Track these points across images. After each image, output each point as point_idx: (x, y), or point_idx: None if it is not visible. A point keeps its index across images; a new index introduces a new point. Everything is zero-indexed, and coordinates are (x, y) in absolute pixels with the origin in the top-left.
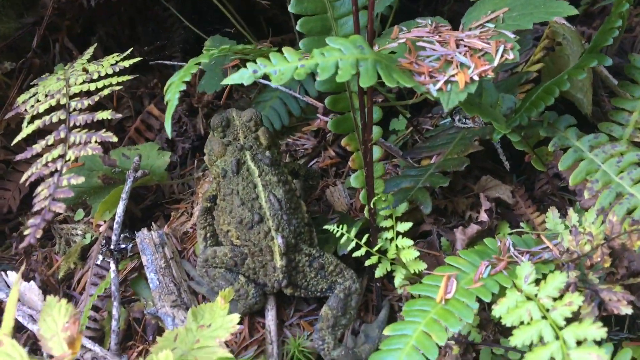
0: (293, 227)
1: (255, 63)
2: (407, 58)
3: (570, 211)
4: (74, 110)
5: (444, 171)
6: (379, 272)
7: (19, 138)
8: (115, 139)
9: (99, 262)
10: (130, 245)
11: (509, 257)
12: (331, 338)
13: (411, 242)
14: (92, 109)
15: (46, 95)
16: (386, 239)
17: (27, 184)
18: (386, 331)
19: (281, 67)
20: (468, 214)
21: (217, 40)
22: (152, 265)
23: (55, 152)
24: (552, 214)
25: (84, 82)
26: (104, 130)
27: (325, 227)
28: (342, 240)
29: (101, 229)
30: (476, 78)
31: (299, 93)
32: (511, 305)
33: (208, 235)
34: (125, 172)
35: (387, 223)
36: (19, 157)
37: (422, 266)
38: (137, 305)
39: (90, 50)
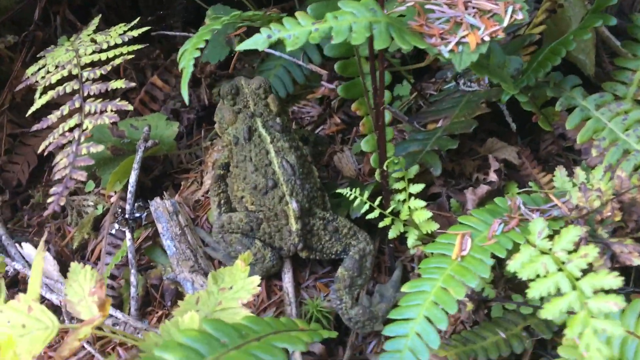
0: (306, 192)
1: (269, 28)
2: (416, 21)
3: (578, 169)
4: (87, 80)
5: (451, 134)
6: (392, 234)
7: (33, 109)
8: (130, 107)
9: (113, 232)
10: (145, 214)
11: (519, 214)
12: (348, 297)
13: (424, 203)
14: (104, 78)
15: (56, 67)
16: (399, 200)
17: (45, 153)
18: (404, 288)
19: (295, 31)
20: (475, 176)
21: (218, 9)
22: (167, 232)
23: (72, 122)
24: (560, 172)
25: (93, 52)
26: (118, 99)
27: (338, 191)
28: (356, 204)
29: (112, 199)
30: (487, 39)
31: (302, 61)
32: (525, 260)
33: (222, 202)
34: (134, 143)
35: (399, 185)
36: (35, 127)
37: (434, 226)
38: (153, 272)
39: (96, 21)
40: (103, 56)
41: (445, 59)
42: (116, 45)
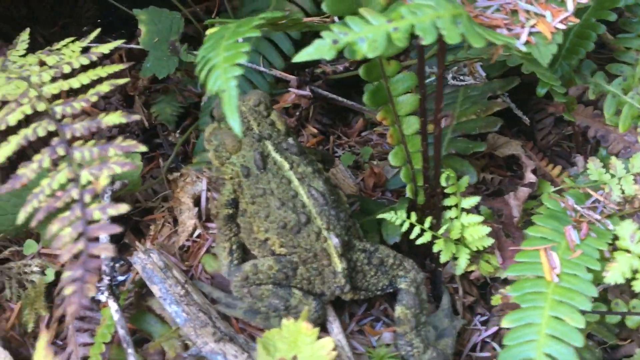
0: (342, 222)
1: (331, 31)
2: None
3: (613, 159)
4: (64, 117)
5: (467, 134)
6: (444, 257)
7: None
8: (144, 148)
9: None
10: (130, 275)
11: (580, 216)
12: (419, 341)
13: (480, 218)
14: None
15: (3, 103)
16: (449, 218)
17: (34, 225)
18: (506, 323)
19: (369, 33)
20: (482, 177)
21: (153, 13)
22: (168, 295)
23: (61, 177)
24: (594, 164)
25: (54, 79)
26: (121, 139)
27: (381, 215)
28: (404, 227)
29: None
30: (561, 27)
31: (262, 66)
32: (624, 269)
33: (234, 247)
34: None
35: (450, 201)
36: (2, 189)
37: (489, 242)
38: (152, 347)
39: (25, 37)
40: (74, 83)
41: (522, 54)
42: (84, 68)
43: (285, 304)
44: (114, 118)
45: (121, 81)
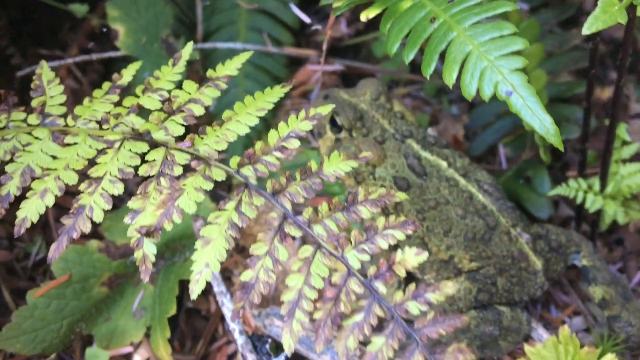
0: (518, 212)
1: None
2: None
3: None
4: (260, 179)
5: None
6: (609, 218)
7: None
8: (404, 196)
9: None
10: (284, 354)
11: None
12: (634, 317)
13: None
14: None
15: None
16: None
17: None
18: None
19: None
20: None
21: (129, 4)
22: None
23: (317, 267)
24: None
25: (187, 127)
26: (362, 192)
27: (553, 192)
28: (579, 199)
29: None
30: None
31: (271, 45)
32: None
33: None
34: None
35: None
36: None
37: None
38: None
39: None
40: (238, 128)
41: None
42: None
43: (500, 326)
44: (335, 164)
45: (325, 108)
